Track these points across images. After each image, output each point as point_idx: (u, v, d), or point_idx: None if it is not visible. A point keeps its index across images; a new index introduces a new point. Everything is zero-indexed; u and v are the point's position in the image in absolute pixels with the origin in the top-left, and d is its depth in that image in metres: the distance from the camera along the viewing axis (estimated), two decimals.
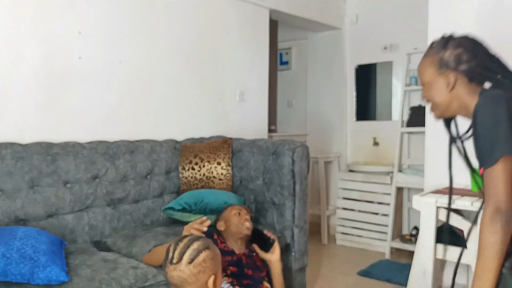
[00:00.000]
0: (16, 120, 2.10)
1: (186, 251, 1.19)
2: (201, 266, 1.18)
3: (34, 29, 2.14)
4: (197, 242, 1.22)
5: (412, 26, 3.71)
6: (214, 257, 1.22)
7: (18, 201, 1.90)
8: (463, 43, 1.28)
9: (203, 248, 1.21)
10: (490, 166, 1.19)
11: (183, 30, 2.85)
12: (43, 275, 1.49)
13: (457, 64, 1.26)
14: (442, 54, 1.28)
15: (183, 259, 1.18)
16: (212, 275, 1.20)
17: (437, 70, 1.28)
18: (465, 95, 1.27)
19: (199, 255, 1.19)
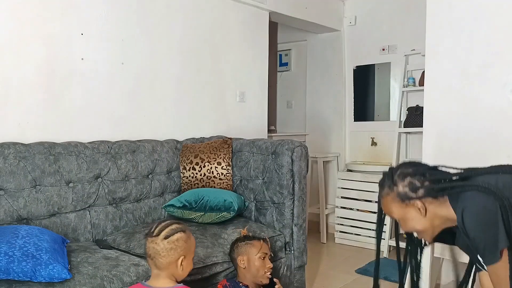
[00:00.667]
0: (19, 120, 2.12)
1: (165, 229, 1.39)
2: (174, 244, 1.37)
3: (36, 31, 2.17)
4: (176, 225, 1.42)
5: (410, 28, 3.74)
6: (187, 241, 1.41)
7: (21, 200, 1.92)
8: (407, 172, 1.35)
9: (180, 230, 1.40)
10: (494, 263, 1.24)
11: (184, 31, 2.87)
12: (45, 272, 1.50)
13: (415, 191, 1.32)
14: (396, 190, 1.35)
15: (160, 234, 1.37)
16: (182, 255, 1.38)
17: (401, 204, 1.35)
18: (440, 211, 1.33)
19: (174, 234, 1.38)
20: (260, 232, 2.24)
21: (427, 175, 1.33)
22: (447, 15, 2.60)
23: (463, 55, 2.53)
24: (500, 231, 1.21)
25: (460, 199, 1.29)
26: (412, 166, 1.38)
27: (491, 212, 1.22)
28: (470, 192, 1.27)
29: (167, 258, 1.37)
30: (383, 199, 1.40)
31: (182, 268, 1.40)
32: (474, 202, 1.26)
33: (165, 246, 1.37)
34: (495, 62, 2.43)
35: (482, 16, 2.47)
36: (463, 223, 1.26)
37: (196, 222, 2.27)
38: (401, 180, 1.34)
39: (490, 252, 1.24)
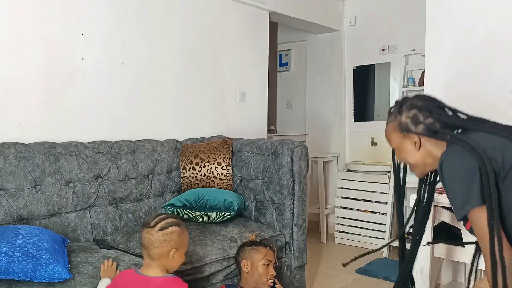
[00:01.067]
0: (19, 120, 2.12)
1: (161, 221, 1.46)
2: (168, 236, 1.44)
3: (37, 31, 2.17)
4: (172, 219, 1.49)
5: (410, 28, 3.75)
6: (180, 235, 1.47)
7: (21, 200, 1.92)
8: (416, 104, 1.35)
9: (174, 224, 1.47)
10: (459, 221, 1.27)
11: (185, 31, 2.87)
12: (46, 272, 1.50)
13: (416, 125, 1.33)
14: (399, 118, 1.36)
15: (156, 226, 1.45)
16: (174, 248, 1.45)
17: (400, 134, 1.37)
18: (435, 150, 1.34)
19: (169, 227, 1.45)
20: (260, 232, 2.24)
21: (434, 114, 1.33)
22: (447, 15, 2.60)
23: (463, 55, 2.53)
24: (473, 191, 1.20)
25: (448, 148, 1.30)
26: (423, 100, 1.37)
27: (468, 170, 1.22)
28: (457, 145, 1.27)
29: (160, 249, 1.43)
30: (387, 125, 1.42)
31: (174, 260, 1.46)
32: (455, 156, 1.26)
33: (159, 237, 1.43)
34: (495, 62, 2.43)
35: (481, 16, 2.47)
36: (441, 173, 1.28)
37: (196, 221, 2.27)
38: (407, 111, 1.35)
39: (457, 209, 1.25)
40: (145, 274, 1.45)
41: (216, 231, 2.15)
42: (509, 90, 2.41)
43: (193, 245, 1.97)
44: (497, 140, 1.28)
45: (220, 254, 2.00)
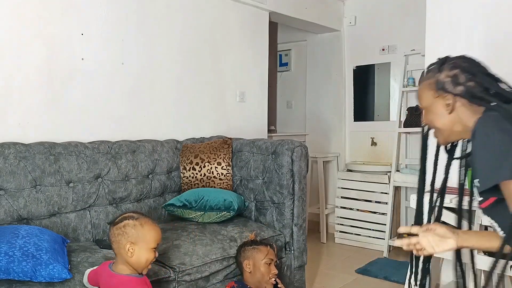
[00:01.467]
0: (19, 120, 2.12)
1: (119, 217, 1.47)
2: (121, 230, 1.43)
3: (37, 31, 2.17)
4: (130, 213, 1.48)
5: (410, 28, 3.75)
6: (134, 228, 1.43)
7: (21, 200, 1.92)
8: (460, 64, 1.23)
9: (128, 218, 1.45)
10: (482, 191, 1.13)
11: (184, 31, 2.87)
12: (46, 272, 1.50)
13: (455, 85, 1.20)
14: (438, 76, 1.23)
15: (113, 222, 1.47)
16: (130, 242, 1.41)
17: (434, 93, 1.23)
18: (467, 117, 1.20)
19: (122, 221, 1.44)
20: (260, 232, 2.24)
21: (478, 77, 1.20)
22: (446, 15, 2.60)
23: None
24: (508, 162, 1.06)
25: (485, 114, 1.16)
26: (469, 62, 1.24)
27: (506, 139, 1.08)
28: (497, 113, 1.13)
29: (116, 243, 1.44)
30: (422, 81, 1.28)
31: (131, 255, 1.41)
32: (494, 121, 1.12)
33: (114, 232, 1.44)
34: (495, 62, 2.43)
35: (481, 16, 2.47)
36: (474, 138, 1.13)
37: (196, 221, 2.28)
38: (448, 69, 1.22)
39: (484, 178, 1.11)
40: (113, 269, 1.46)
41: (216, 230, 2.15)
42: None
43: (193, 244, 1.97)
44: None
45: (220, 253, 2.00)
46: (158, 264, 1.84)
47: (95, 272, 1.55)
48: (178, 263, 1.85)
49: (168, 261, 1.86)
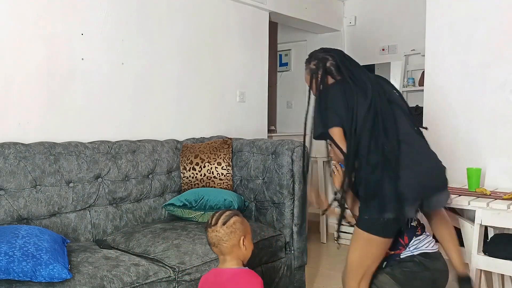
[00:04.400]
0: (19, 120, 2.12)
1: (220, 217, 1.50)
2: (232, 227, 1.48)
3: (37, 31, 2.17)
4: (229, 211, 1.53)
5: (410, 28, 3.75)
6: (242, 222, 1.52)
7: (21, 200, 1.92)
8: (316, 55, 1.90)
9: (233, 214, 1.51)
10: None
11: (185, 32, 2.88)
12: (46, 272, 1.50)
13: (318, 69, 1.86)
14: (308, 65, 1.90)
15: (218, 222, 1.48)
16: (242, 236, 1.49)
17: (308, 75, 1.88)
18: None
19: (230, 219, 1.49)
20: (260, 232, 2.24)
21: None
22: (446, 16, 2.60)
23: (463, 55, 2.54)
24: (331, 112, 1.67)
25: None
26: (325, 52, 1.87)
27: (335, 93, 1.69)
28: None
29: (230, 241, 1.47)
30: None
31: (245, 248, 1.50)
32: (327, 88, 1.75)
33: (225, 231, 1.47)
34: (495, 62, 2.43)
35: (481, 17, 2.48)
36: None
37: (196, 221, 2.28)
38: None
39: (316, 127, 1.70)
40: (221, 267, 1.51)
41: None
42: (509, 90, 2.41)
43: (192, 244, 1.97)
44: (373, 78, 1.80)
45: None
46: (158, 264, 1.84)
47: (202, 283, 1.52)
48: (178, 263, 1.85)
49: (168, 261, 1.86)
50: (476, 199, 2.07)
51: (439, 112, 2.63)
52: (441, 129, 2.62)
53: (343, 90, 1.68)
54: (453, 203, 2.11)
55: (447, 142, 2.60)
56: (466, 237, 2.08)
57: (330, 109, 1.68)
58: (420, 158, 1.64)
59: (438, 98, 2.64)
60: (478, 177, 2.27)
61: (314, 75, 1.80)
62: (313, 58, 1.85)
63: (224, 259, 1.49)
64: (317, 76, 1.79)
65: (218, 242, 1.48)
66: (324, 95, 1.73)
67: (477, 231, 2.00)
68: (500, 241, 2.05)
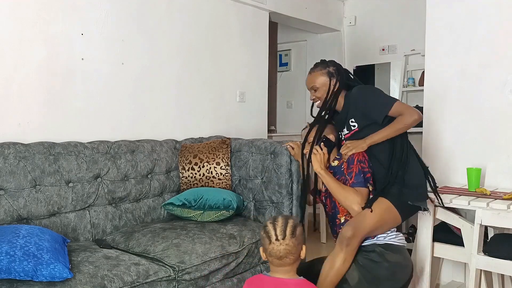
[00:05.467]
0: (19, 120, 2.12)
1: (287, 228, 1.43)
2: (299, 238, 1.44)
3: (37, 31, 2.17)
4: (290, 220, 1.47)
5: (409, 28, 3.75)
6: (303, 231, 1.50)
7: (21, 200, 1.92)
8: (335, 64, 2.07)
9: (297, 223, 1.47)
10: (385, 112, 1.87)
11: (184, 31, 2.88)
12: (47, 272, 1.50)
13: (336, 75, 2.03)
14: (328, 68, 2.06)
15: (286, 235, 1.42)
16: (303, 245, 1.46)
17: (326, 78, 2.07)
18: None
19: (296, 230, 1.45)
20: (259, 231, 2.24)
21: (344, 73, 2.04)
22: (446, 16, 2.60)
23: (463, 55, 2.54)
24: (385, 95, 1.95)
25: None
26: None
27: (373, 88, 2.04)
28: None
29: (296, 253, 1.43)
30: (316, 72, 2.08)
31: (304, 255, 1.45)
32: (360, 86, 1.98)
33: (294, 243, 1.42)
34: (495, 62, 2.43)
35: (481, 16, 2.47)
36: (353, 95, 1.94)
37: (195, 220, 2.28)
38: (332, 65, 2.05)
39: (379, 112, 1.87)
40: (279, 277, 1.44)
41: (215, 229, 2.15)
42: (509, 90, 2.41)
43: (192, 243, 1.97)
44: None
45: (219, 251, 2.00)
46: (157, 264, 1.84)
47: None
48: (178, 262, 1.86)
49: (168, 260, 1.87)
50: (476, 199, 2.07)
51: (439, 112, 2.63)
52: (441, 129, 2.62)
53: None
54: (453, 203, 2.11)
55: (447, 142, 2.60)
56: (466, 237, 2.08)
57: (381, 93, 1.95)
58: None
59: (438, 98, 2.64)
60: (478, 177, 2.27)
61: (332, 78, 1.99)
62: (330, 64, 2.04)
63: (284, 269, 1.44)
64: (337, 79, 1.98)
65: (287, 255, 1.41)
66: (363, 87, 1.97)
67: (477, 231, 2.00)
68: (500, 241, 2.06)
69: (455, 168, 2.55)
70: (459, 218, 2.14)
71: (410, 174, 1.86)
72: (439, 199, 2.06)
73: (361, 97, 1.91)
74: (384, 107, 1.86)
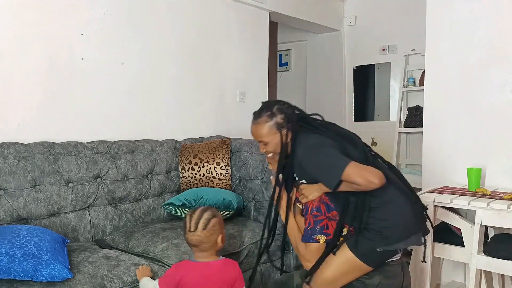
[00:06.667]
0: (19, 120, 2.12)
1: (200, 222, 1.60)
2: (211, 230, 1.60)
3: (37, 31, 2.17)
4: (206, 213, 1.63)
5: (410, 28, 3.75)
6: (220, 222, 1.64)
7: (20, 200, 1.92)
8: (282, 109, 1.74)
9: (212, 216, 1.62)
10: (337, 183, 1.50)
11: (184, 31, 2.88)
12: (46, 272, 1.50)
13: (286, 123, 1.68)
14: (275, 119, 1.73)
15: (198, 227, 1.60)
16: (219, 234, 1.63)
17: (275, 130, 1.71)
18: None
19: (209, 223, 1.61)
20: (259, 232, 2.24)
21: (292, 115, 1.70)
22: (447, 15, 2.60)
23: (463, 55, 2.53)
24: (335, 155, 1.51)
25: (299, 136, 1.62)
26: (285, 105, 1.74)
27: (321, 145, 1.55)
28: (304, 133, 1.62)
29: (210, 242, 1.61)
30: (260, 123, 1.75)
31: (222, 242, 1.64)
32: (306, 138, 1.60)
33: (206, 234, 1.59)
34: (495, 62, 2.43)
35: (481, 16, 2.47)
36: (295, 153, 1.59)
37: None
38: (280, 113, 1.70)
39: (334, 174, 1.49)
40: (203, 261, 1.62)
41: None
42: (509, 90, 2.41)
43: None
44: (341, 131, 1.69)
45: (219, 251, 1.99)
46: (157, 264, 1.84)
47: (172, 277, 1.59)
48: (178, 262, 1.85)
49: (168, 260, 1.86)
50: (476, 199, 2.07)
51: (439, 112, 2.63)
52: (441, 129, 2.62)
53: (325, 137, 1.58)
54: (453, 203, 2.11)
55: (447, 142, 2.60)
56: (466, 237, 2.08)
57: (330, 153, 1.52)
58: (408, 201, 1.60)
59: (438, 98, 2.64)
60: (478, 177, 2.27)
61: (282, 129, 1.64)
62: (277, 111, 1.71)
63: (203, 254, 1.63)
64: (288, 128, 1.64)
65: (199, 244, 1.60)
66: (311, 143, 1.57)
67: (477, 231, 1.99)
68: (500, 241, 2.05)
69: (455, 168, 2.55)
70: (459, 218, 2.14)
71: (379, 213, 1.52)
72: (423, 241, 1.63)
73: (307, 163, 1.57)
74: (334, 172, 1.49)
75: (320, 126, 1.65)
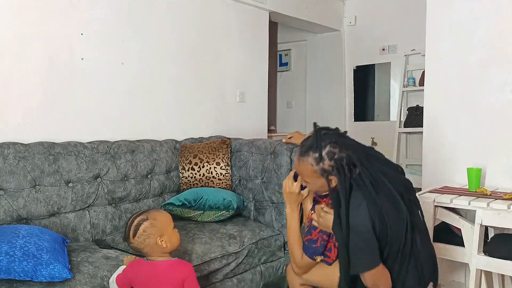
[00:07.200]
0: (19, 120, 2.12)
1: (130, 229, 1.53)
2: (143, 236, 1.52)
3: (37, 31, 2.17)
4: (137, 219, 1.54)
5: (410, 28, 3.75)
6: (154, 224, 1.53)
7: (20, 200, 1.92)
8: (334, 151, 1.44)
9: (142, 222, 1.53)
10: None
11: (184, 31, 2.88)
12: (46, 272, 1.50)
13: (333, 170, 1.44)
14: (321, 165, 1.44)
15: (130, 236, 1.53)
16: (158, 237, 1.52)
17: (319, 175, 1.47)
18: None
19: (138, 229, 1.52)
20: (259, 232, 2.24)
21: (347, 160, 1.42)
22: (447, 15, 2.60)
23: (463, 55, 2.53)
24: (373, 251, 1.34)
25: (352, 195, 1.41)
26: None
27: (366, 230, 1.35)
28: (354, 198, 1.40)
29: (146, 248, 1.53)
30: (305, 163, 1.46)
31: (166, 245, 1.54)
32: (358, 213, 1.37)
33: (139, 241, 1.52)
34: (495, 62, 2.43)
35: (481, 16, 2.47)
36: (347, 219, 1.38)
37: (195, 220, 2.28)
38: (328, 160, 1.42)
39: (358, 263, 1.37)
40: (152, 260, 1.56)
41: (215, 229, 2.15)
42: (509, 90, 2.41)
43: (192, 243, 1.97)
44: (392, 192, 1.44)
45: (219, 251, 2.00)
46: None
47: (124, 274, 1.58)
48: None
49: None
50: (477, 199, 2.07)
51: (439, 112, 2.63)
52: (441, 129, 2.62)
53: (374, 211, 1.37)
54: (453, 203, 2.11)
55: (447, 142, 2.60)
56: (466, 237, 2.08)
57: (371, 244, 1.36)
58: None
59: (438, 98, 2.64)
60: (478, 177, 2.27)
61: (329, 175, 1.43)
62: (328, 155, 1.41)
63: (151, 257, 1.56)
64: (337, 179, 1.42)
65: (138, 250, 1.55)
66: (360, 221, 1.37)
67: (477, 231, 1.99)
68: (500, 241, 2.05)
69: (455, 168, 2.55)
70: (460, 218, 2.14)
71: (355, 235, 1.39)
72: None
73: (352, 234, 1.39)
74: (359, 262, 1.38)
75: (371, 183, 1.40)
